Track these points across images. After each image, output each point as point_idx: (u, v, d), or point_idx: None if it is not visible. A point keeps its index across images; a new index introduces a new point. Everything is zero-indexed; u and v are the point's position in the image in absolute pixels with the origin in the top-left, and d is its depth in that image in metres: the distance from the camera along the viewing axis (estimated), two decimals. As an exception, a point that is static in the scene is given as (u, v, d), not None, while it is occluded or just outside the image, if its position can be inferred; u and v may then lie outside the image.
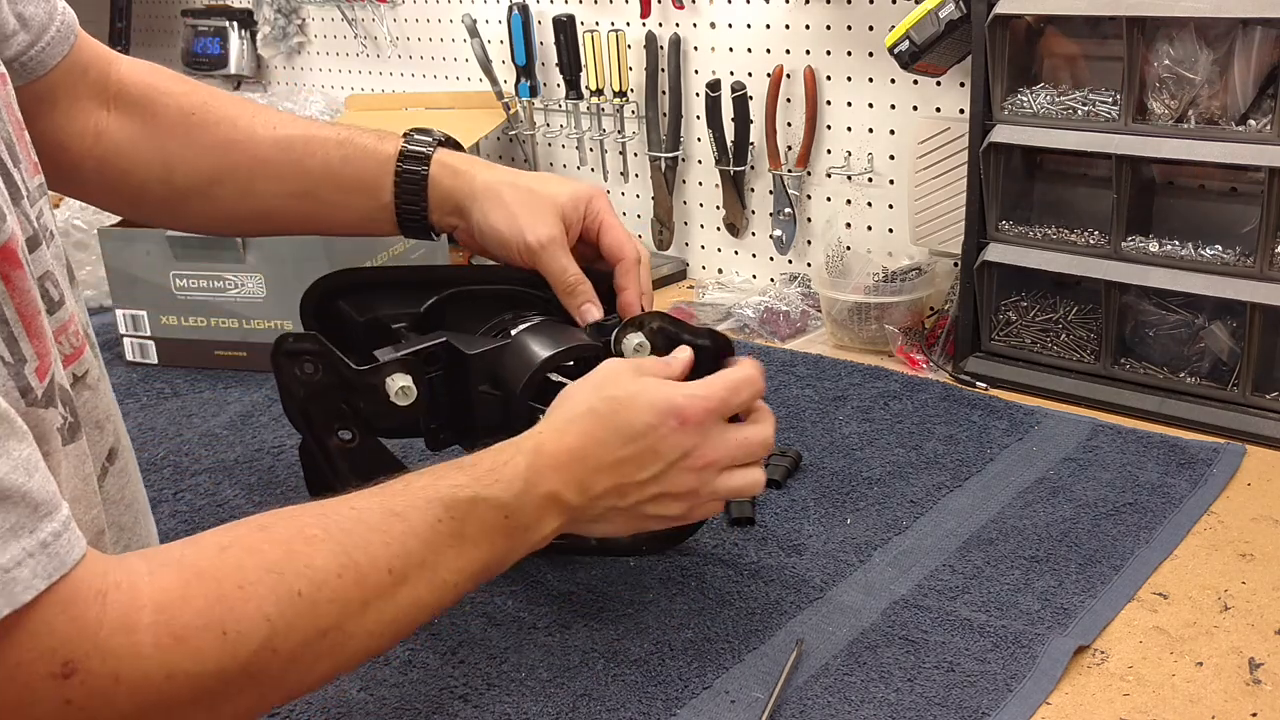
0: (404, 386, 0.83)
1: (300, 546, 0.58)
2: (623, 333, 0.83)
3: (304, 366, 0.84)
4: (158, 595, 0.52)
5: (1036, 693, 0.74)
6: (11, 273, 0.55)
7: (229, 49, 2.26)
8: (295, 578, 0.56)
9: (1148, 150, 1.10)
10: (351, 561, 0.59)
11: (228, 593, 0.54)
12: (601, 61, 1.66)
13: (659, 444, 0.72)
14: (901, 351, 1.32)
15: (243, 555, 0.56)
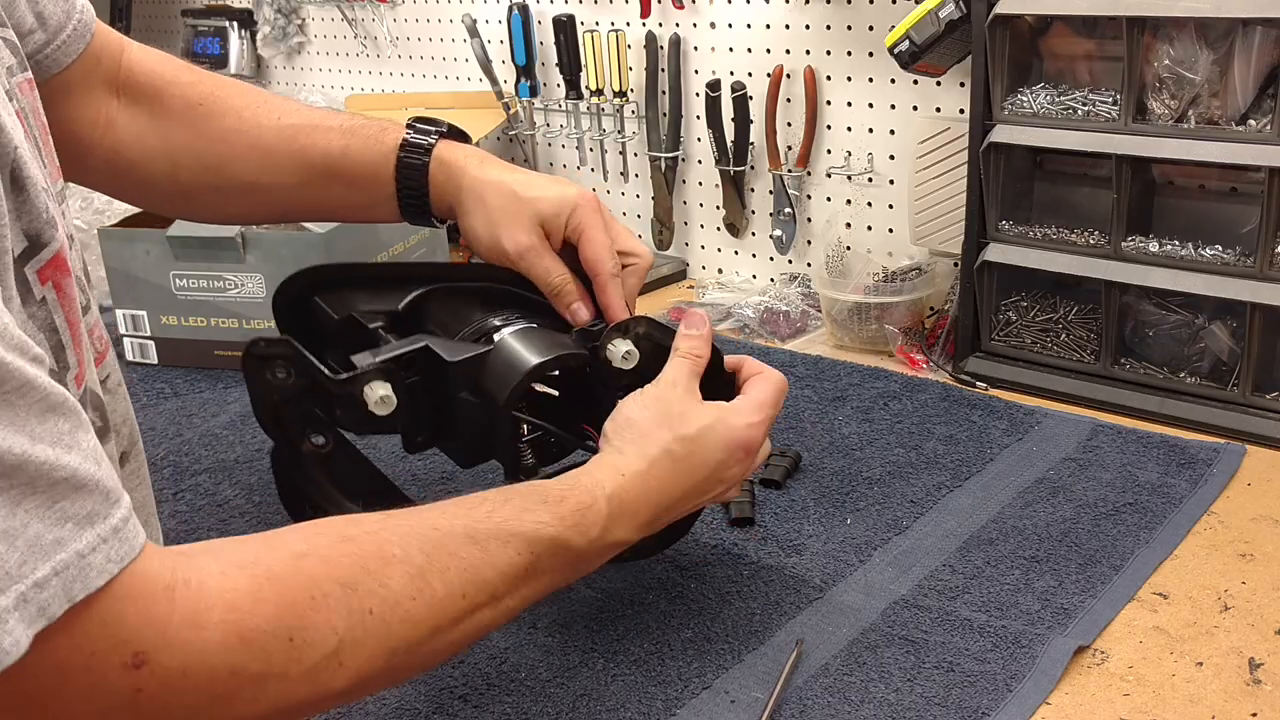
0: (384, 396, 0.80)
1: (377, 565, 0.58)
2: (608, 339, 0.83)
3: (276, 371, 0.82)
4: (229, 595, 0.52)
5: (1036, 693, 0.74)
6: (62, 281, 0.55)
7: (229, 49, 2.26)
8: (368, 596, 0.56)
9: (1148, 150, 1.10)
10: (427, 585, 0.59)
11: (299, 600, 0.54)
12: (601, 61, 1.66)
13: (725, 474, 0.77)
14: (901, 351, 1.32)
15: (318, 565, 0.56)
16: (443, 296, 0.91)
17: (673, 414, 0.76)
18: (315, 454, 0.84)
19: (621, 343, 0.82)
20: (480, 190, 0.88)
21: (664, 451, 0.75)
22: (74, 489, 0.46)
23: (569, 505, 0.69)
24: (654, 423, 0.76)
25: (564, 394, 0.85)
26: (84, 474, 0.47)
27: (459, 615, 0.61)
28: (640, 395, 0.79)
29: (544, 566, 0.66)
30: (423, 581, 0.59)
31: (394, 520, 0.62)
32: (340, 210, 0.94)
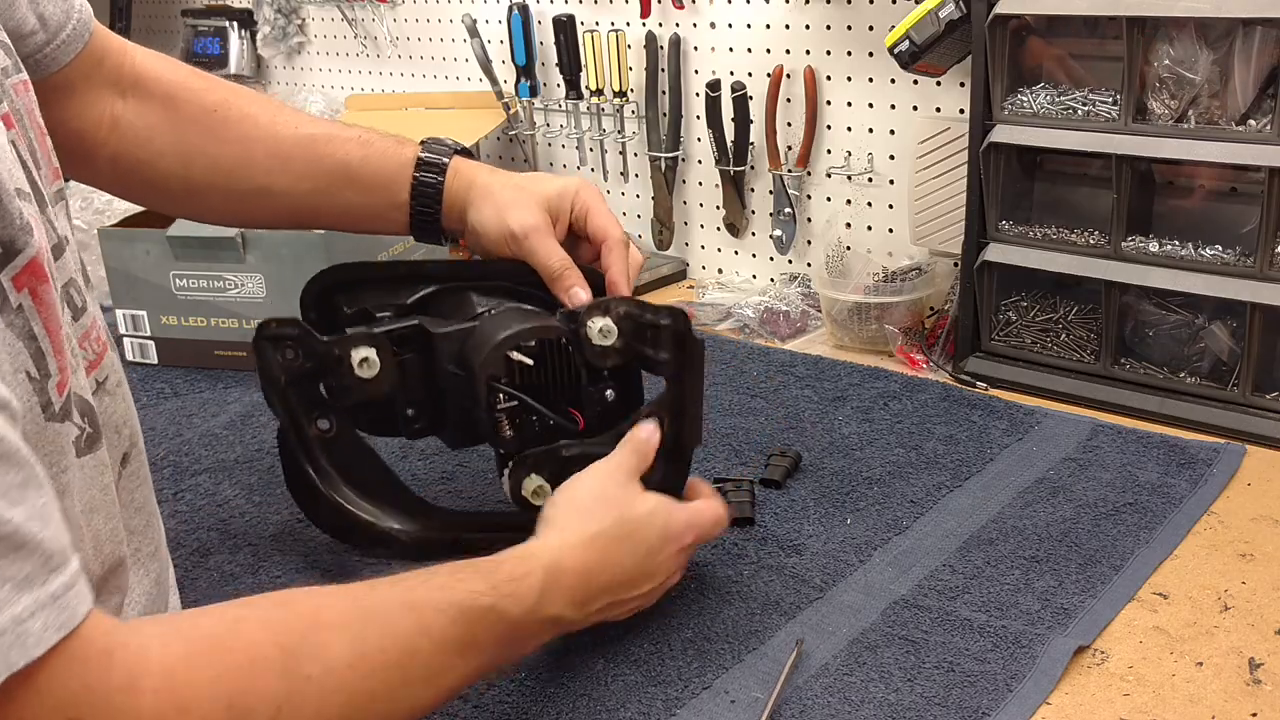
0: (366, 358, 0.84)
1: (314, 632, 0.58)
2: (587, 316, 0.84)
3: (285, 352, 0.85)
4: (167, 661, 0.51)
5: (1036, 693, 0.74)
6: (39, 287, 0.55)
7: (229, 49, 2.26)
8: (308, 661, 0.56)
9: (1148, 150, 1.10)
10: (364, 654, 0.59)
11: (237, 666, 0.53)
12: (601, 61, 1.66)
13: (659, 566, 0.78)
14: (901, 351, 1.32)
15: (256, 630, 0.56)
16: (449, 293, 0.93)
17: (613, 496, 0.77)
18: (320, 438, 0.88)
19: (600, 319, 0.84)
20: (490, 187, 0.91)
21: (602, 530, 0.75)
22: (13, 548, 0.45)
23: (503, 574, 0.68)
24: (595, 501, 0.77)
25: (550, 377, 0.86)
26: (26, 533, 0.46)
27: (394, 686, 0.61)
28: (581, 477, 0.80)
29: (480, 638, 0.66)
30: (361, 647, 0.59)
31: (327, 590, 0.62)
32: (349, 218, 0.95)
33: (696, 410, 0.87)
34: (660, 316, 0.85)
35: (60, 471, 0.56)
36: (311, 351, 0.85)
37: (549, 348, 0.85)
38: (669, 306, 0.85)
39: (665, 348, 0.85)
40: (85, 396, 0.61)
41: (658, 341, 0.85)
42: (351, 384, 0.86)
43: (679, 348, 0.85)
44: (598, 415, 0.87)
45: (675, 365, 0.85)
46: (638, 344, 0.85)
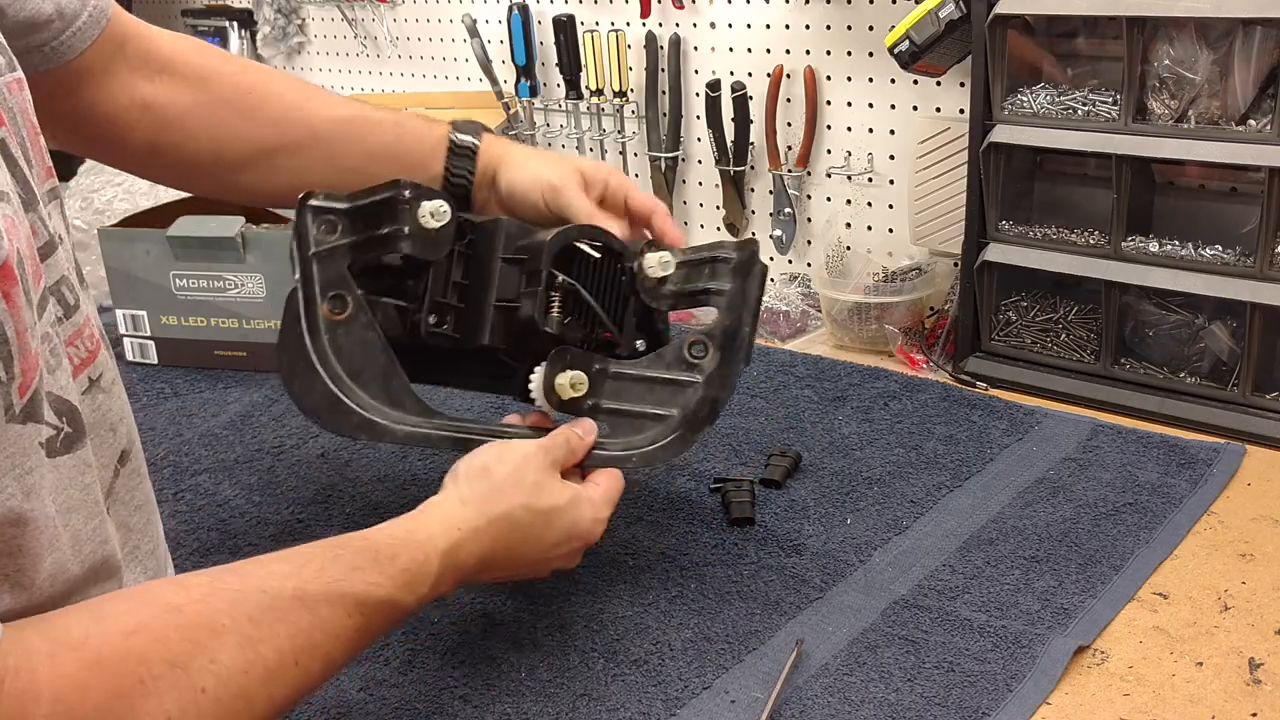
0: (436, 210, 0.84)
1: (207, 638, 0.57)
2: (645, 250, 0.87)
3: (323, 225, 0.84)
4: (56, 683, 0.50)
5: (1036, 693, 0.74)
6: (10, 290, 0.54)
7: (229, 49, 2.26)
8: (200, 673, 0.55)
9: (1148, 150, 1.10)
10: (259, 656, 0.59)
11: (128, 687, 0.53)
12: (601, 61, 1.66)
13: (554, 555, 0.78)
14: (901, 351, 1.32)
15: (147, 644, 0.55)
16: None
17: (528, 480, 0.76)
18: (329, 320, 0.84)
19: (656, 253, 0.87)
20: (524, 153, 0.95)
21: (507, 513, 0.75)
22: None
23: (400, 564, 0.68)
24: (508, 481, 0.76)
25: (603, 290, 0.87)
26: None
27: (290, 683, 0.61)
28: (503, 449, 0.78)
29: (375, 625, 0.66)
30: (254, 652, 0.58)
31: (221, 584, 0.61)
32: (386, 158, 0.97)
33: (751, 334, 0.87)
34: (725, 251, 0.87)
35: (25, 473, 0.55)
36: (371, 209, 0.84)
37: (610, 257, 0.86)
38: (737, 240, 0.88)
39: (724, 279, 0.86)
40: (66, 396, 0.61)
41: (716, 274, 0.86)
42: (412, 231, 0.84)
43: (744, 275, 0.86)
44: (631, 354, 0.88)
45: (734, 293, 0.86)
46: (692, 283, 0.87)
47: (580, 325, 0.86)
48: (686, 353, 0.86)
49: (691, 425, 0.85)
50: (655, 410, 0.85)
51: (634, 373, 0.86)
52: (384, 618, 0.67)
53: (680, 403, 0.85)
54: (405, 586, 0.68)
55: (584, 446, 0.82)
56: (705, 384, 0.85)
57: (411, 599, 0.69)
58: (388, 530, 0.71)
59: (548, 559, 0.78)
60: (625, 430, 0.85)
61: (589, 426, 0.83)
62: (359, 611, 0.65)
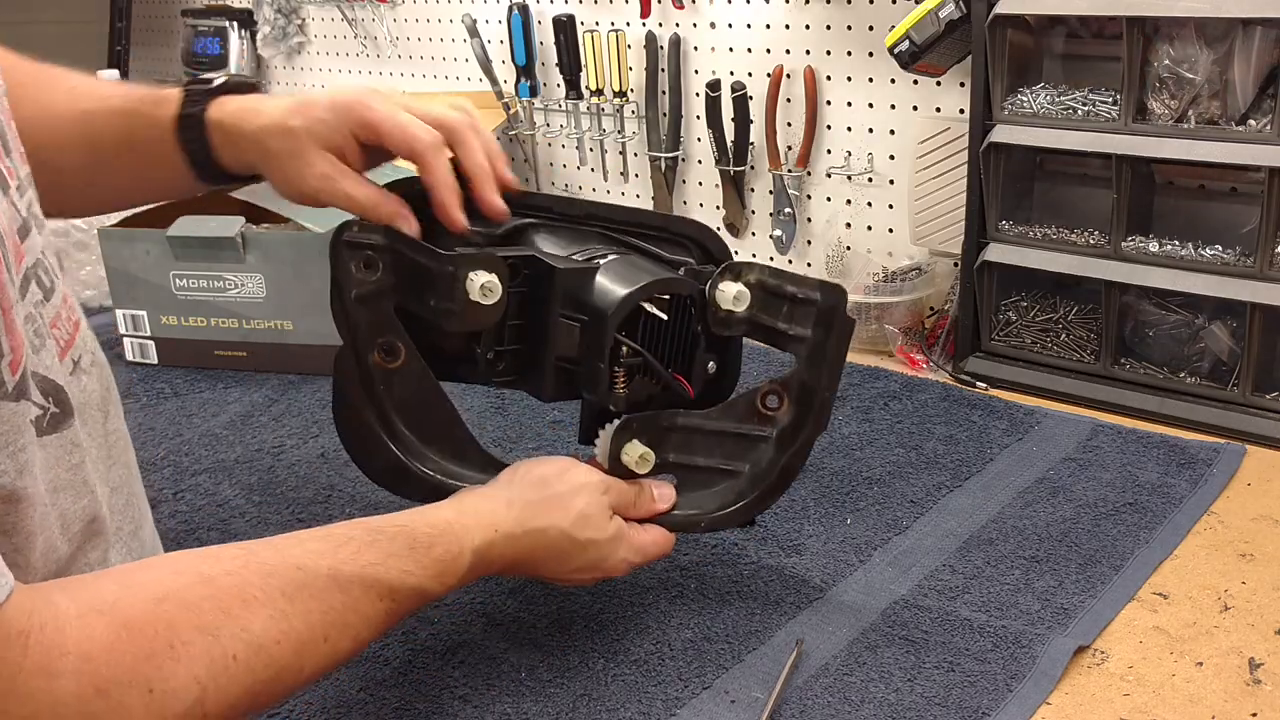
0: (488, 284, 0.73)
1: (239, 609, 0.57)
2: (720, 278, 0.79)
3: (363, 262, 0.76)
4: (84, 643, 0.51)
5: (1036, 693, 0.74)
6: None
7: (229, 49, 2.26)
8: (231, 641, 0.56)
9: (1148, 150, 1.10)
10: (291, 629, 0.59)
11: (158, 650, 0.53)
12: (601, 61, 1.66)
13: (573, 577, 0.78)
14: (901, 351, 1.32)
15: (177, 611, 0.55)
16: (547, 230, 0.84)
17: (576, 508, 0.75)
18: (381, 368, 0.77)
19: (731, 285, 0.78)
20: (261, 141, 0.79)
21: (544, 530, 0.74)
22: None
23: (434, 554, 0.68)
24: (558, 502, 0.75)
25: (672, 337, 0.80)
26: None
27: (319, 658, 0.61)
28: (568, 467, 0.77)
29: (403, 609, 0.67)
30: (287, 624, 0.59)
31: (255, 558, 0.61)
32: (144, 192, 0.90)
33: (829, 395, 0.81)
34: (807, 290, 0.79)
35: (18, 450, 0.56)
36: (413, 266, 0.75)
37: (678, 304, 0.79)
38: (819, 281, 0.80)
39: (805, 323, 0.80)
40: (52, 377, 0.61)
41: (795, 316, 0.80)
42: (464, 309, 0.74)
43: (826, 326, 0.79)
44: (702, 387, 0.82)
45: (815, 344, 0.80)
46: (763, 314, 0.80)
47: (649, 383, 0.80)
48: (759, 404, 0.81)
49: (762, 491, 0.82)
50: (724, 465, 0.82)
51: (704, 425, 0.81)
52: (413, 604, 0.68)
53: (751, 458, 0.82)
54: (437, 577, 0.68)
55: (649, 511, 0.80)
56: (778, 443, 0.81)
57: (441, 588, 0.69)
58: (427, 518, 0.71)
59: (570, 580, 0.78)
60: (693, 484, 0.82)
61: (669, 496, 0.81)
62: (390, 597, 0.65)
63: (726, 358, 0.84)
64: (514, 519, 0.73)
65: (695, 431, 0.81)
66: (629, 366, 0.78)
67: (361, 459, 0.80)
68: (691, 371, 0.81)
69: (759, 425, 0.81)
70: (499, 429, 1.18)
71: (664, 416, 0.80)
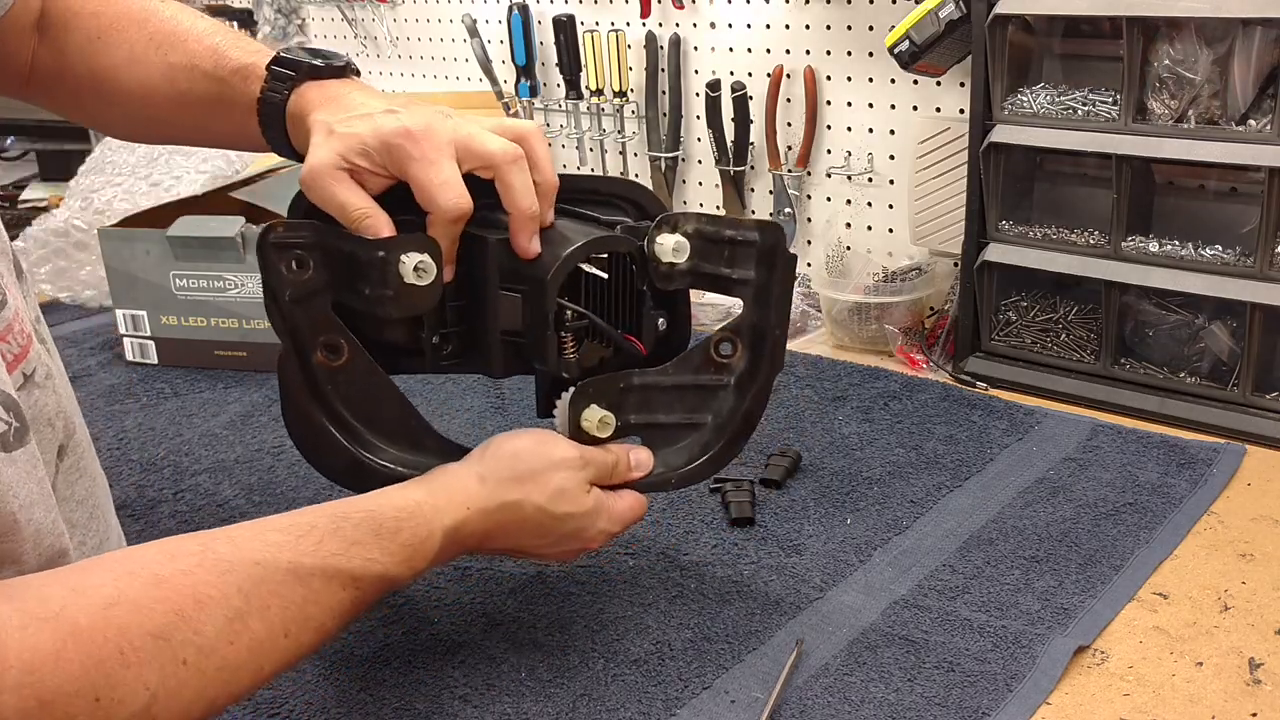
0: (421, 263, 0.72)
1: (192, 610, 0.56)
2: (656, 231, 0.77)
3: (293, 262, 0.74)
4: (27, 655, 0.49)
5: (1036, 693, 0.74)
6: None
7: (229, 49, 2.26)
8: (182, 646, 0.54)
9: (1148, 150, 1.10)
10: (246, 628, 0.58)
11: (106, 657, 0.52)
12: (601, 61, 1.66)
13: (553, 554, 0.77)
14: (901, 351, 1.32)
15: (128, 615, 0.53)
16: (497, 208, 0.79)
17: (552, 483, 0.74)
18: (325, 367, 0.76)
19: (670, 236, 0.77)
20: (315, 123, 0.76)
21: (518, 504, 0.73)
22: None
23: (401, 539, 0.67)
24: (532, 476, 0.74)
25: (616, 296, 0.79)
26: None
27: (280, 653, 0.60)
28: (542, 440, 0.75)
29: (368, 599, 0.66)
30: (241, 625, 0.57)
31: (211, 554, 0.59)
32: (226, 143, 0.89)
33: (781, 335, 0.80)
34: (744, 231, 0.78)
35: None
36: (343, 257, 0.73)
37: (616, 263, 0.77)
38: (757, 221, 0.79)
39: (748, 265, 0.79)
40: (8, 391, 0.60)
41: (737, 259, 0.79)
42: (399, 293, 0.72)
43: (768, 266, 0.78)
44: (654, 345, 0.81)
45: (760, 285, 0.79)
46: (709, 264, 0.78)
47: (600, 346, 0.79)
48: (713, 352, 0.80)
49: (727, 440, 0.81)
50: (687, 420, 0.81)
51: (662, 381, 0.80)
52: (378, 591, 0.67)
53: (713, 408, 0.81)
54: (404, 562, 0.67)
55: (626, 478, 0.79)
56: (736, 389, 0.81)
57: (409, 572, 0.68)
58: (395, 500, 0.69)
59: (543, 554, 0.77)
60: (659, 442, 0.81)
61: (645, 463, 0.79)
62: (354, 586, 0.64)
63: (675, 313, 0.83)
64: (487, 495, 0.72)
65: (653, 389, 0.80)
66: (575, 330, 0.77)
67: (316, 460, 0.79)
68: (641, 330, 0.80)
69: (716, 374, 0.81)
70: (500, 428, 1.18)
71: (620, 378, 0.79)
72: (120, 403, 1.29)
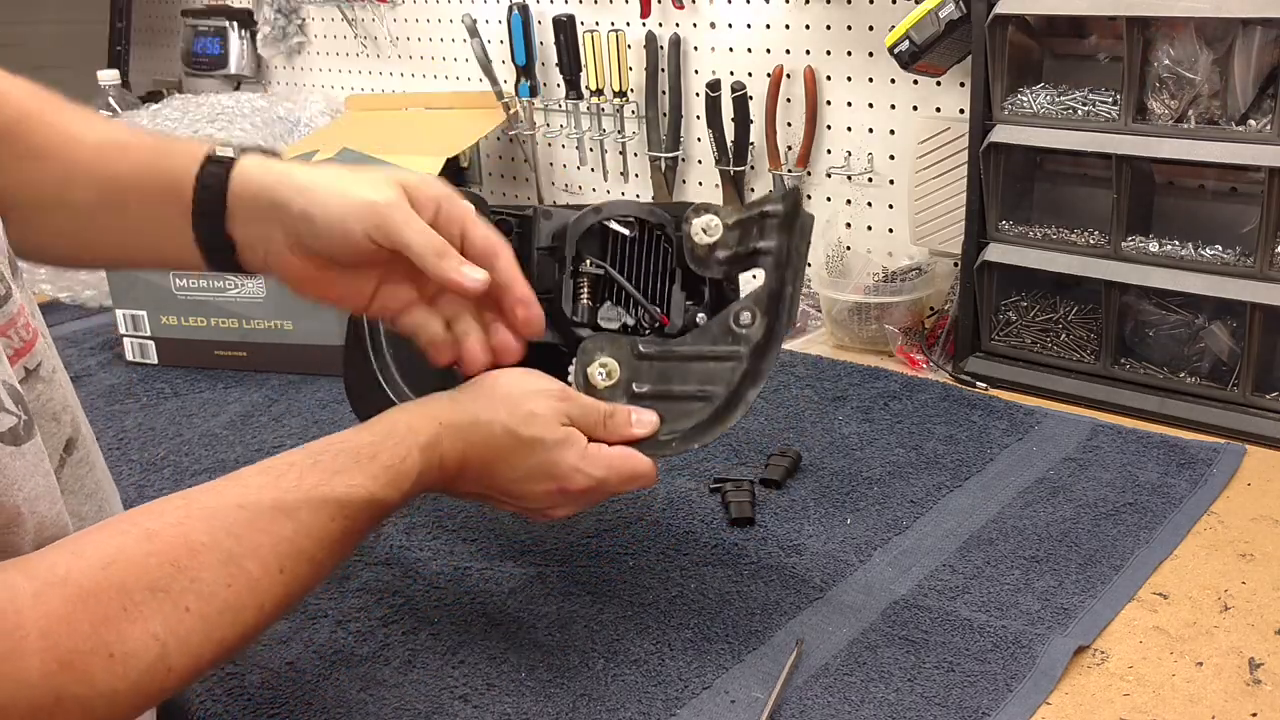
0: None
1: (186, 559, 0.57)
2: (694, 214, 0.81)
3: None
4: (41, 620, 0.51)
5: (1036, 693, 0.74)
6: None
7: (229, 49, 2.26)
8: (182, 593, 0.56)
9: (1148, 150, 1.10)
10: (241, 570, 0.59)
11: (113, 615, 0.53)
12: (601, 61, 1.66)
13: (536, 495, 0.75)
14: (901, 351, 1.32)
15: (126, 573, 0.55)
16: None
17: (523, 408, 0.74)
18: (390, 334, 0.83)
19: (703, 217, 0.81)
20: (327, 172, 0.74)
21: (488, 423, 0.73)
22: None
23: (380, 462, 0.68)
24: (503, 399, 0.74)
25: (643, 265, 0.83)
26: None
27: (279, 590, 0.61)
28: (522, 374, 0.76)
29: (360, 525, 0.67)
30: (235, 567, 0.59)
31: (197, 505, 0.61)
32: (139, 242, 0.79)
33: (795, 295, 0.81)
34: (769, 204, 0.81)
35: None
36: None
37: (648, 234, 0.82)
38: (779, 193, 0.82)
39: (771, 236, 0.80)
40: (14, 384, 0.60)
41: (764, 232, 0.81)
42: None
43: (789, 229, 0.80)
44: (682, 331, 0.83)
45: (780, 250, 0.80)
46: (742, 247, 0.81)
47: (625, 310, 0.83)
48: (733, 323, 0.80)
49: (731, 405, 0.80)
50: (701, 389, 0.80)
51: (679, 350, 0.81)
52: (368, 517, 0.67)
53: (726, 379, 0.80)
54: (389, 484, 0.68)
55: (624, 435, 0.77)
56: (750, 358, 0.80)
57: (396, 495, 0.68)
58: (368, 428, 0.70)
59: (525, 492, 0.75)
60: (674, 415, 0.80)
61: (648, 422, 0.78)
62: (341, 514, 0.65)
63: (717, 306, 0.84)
64: (458, 410, 0.73)
65: (670, 359, 0.81)
66: (591, 278, 0.82)
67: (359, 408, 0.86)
68: (669, 306, 0.83)
69: (733, 344, 0.81)
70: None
71: (634, 341, 0.81)
72: (120, 403, 1.29)
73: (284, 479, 0.64)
